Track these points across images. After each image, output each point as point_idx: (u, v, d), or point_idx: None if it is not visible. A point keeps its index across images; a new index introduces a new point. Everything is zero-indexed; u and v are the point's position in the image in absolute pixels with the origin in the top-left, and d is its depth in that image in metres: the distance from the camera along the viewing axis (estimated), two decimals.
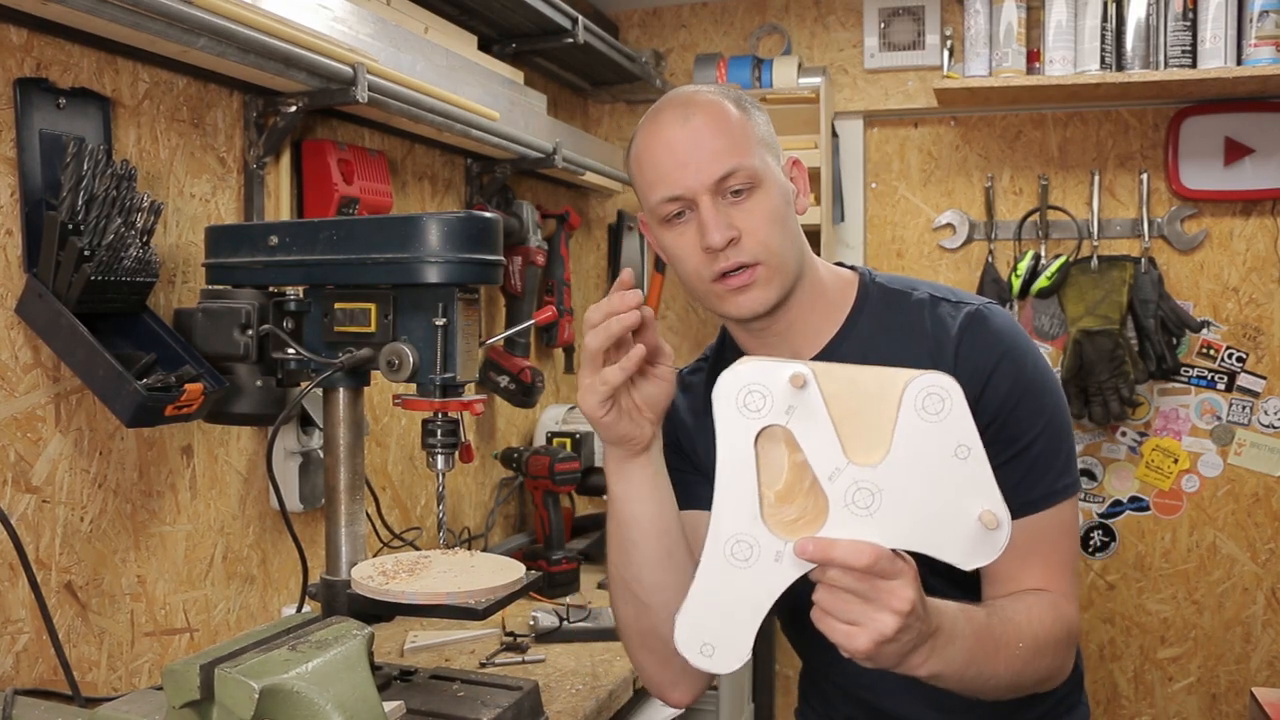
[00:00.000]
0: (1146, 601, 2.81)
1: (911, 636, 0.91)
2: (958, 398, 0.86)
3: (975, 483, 0.86)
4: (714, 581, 0.89)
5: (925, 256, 2.93)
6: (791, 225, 1.19)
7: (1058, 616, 1.12)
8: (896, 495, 0.87)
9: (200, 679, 0.95)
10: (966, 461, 0.86)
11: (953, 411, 0.86)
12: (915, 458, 0.86)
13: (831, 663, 1.31)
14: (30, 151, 1.28)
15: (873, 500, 0.87)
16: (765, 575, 0.88)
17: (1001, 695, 1.10)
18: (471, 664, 1.68)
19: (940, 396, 0.86)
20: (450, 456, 1.33)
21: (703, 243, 1.14)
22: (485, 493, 2.44)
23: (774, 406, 0.87)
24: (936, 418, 0.86)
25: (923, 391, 0.86)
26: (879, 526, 0.87)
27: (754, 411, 0.87)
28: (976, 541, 0.87)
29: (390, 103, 1.76)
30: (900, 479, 0.87)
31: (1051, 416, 1.17)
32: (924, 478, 0.86)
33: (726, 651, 0.89)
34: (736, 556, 0.88)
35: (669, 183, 1.15)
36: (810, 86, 2.78)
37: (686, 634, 0.90)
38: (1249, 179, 2.65)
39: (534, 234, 2.43)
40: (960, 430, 0.86)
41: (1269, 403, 2.71)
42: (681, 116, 1.16)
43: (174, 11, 1.30)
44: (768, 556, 0.88)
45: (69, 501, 1.36)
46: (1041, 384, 1.18)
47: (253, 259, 1.35)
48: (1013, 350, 1.18)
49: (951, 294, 1.24)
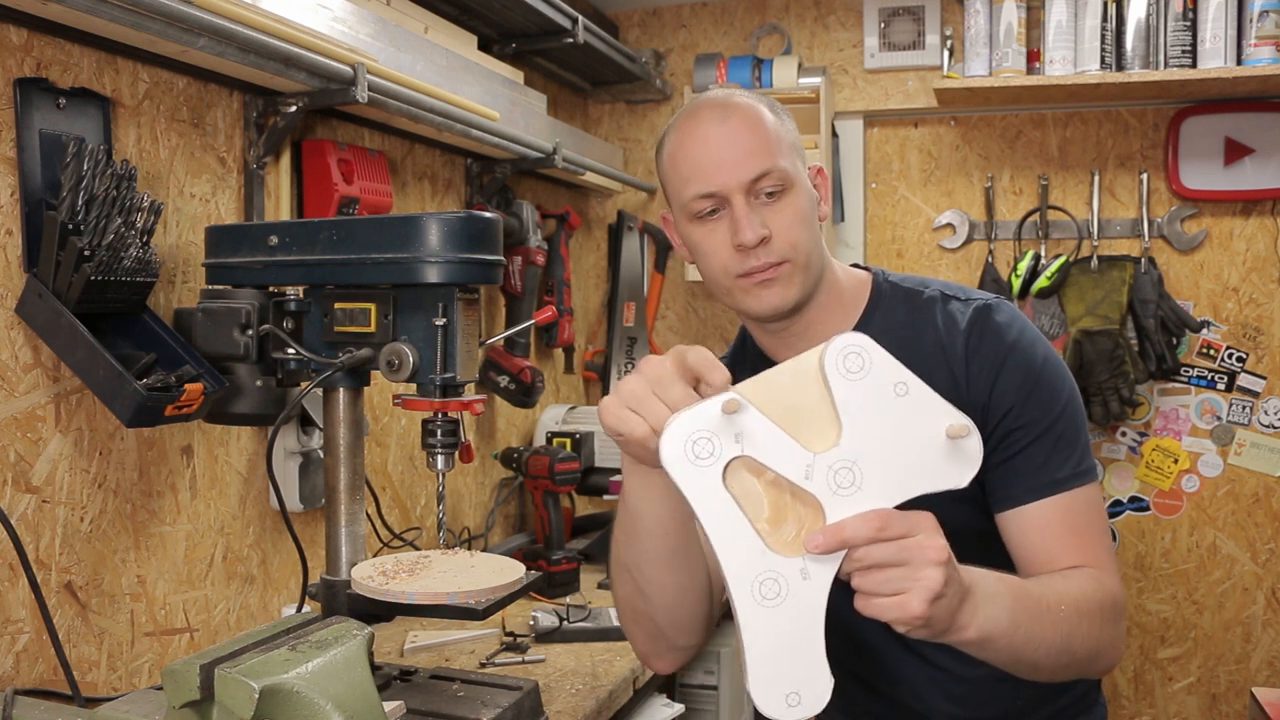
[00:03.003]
0: (1146, 601, 2.81)
1: (955, 589, 0.90)
2: (870, 346, 0.88)
3: (926, 408, 0.88)
4: (761, 632, 0.86)
5: (925, 256, 2.93)
6: (816, 229, 1.23)
7: (1099, 586, 1.11)
8: (870, 459, 0.87)
9: (200, 679, 0.95)
10: (909, 395, 0.87)
11: (873, 359, 0.88)
12: (866, 418, 0.87)
13: (852, 659, 1.32)
14: (30, 151, 1.28)
15: (854, 476, 0.87)
16: (803, 598, 0.87)
17: (1054, 669, 1.08)
18: (471, 664, 1.68)
19: (856, 352, 0.87)
20: (450, 456, 1.34)
21: (735, 240, 1.18)
22: (485, 493, 2.44)
23: (723, 443, 0.87)
24: (862, 373, 0.87)
25: (839, 355, 0.87)
26: (871, 495, 0.88)
27: (707, 458, 0.87)
28: (955, 457, 0.88)
29: (390, 103, 1.76)
30: (865, 444, 0.87)
31: (1068, 400, 1.19)
32: (883, 430, 0.87)
33: (810, 691, 0.87)
34: (768, 598, 0.87)
35: (704, 179, 1.18)
36: (810, 86, 2.78)
37: (766, 695, 0.86)
38: (1249, 179, 2.65)
39: (534, 234, 2.43)
40: (889, 371, 0.88)
41: (1269, 403, 2.71)
42: (720, 116, 1.20)
43: (174, 11, 1.30)
44: (795, 580, 0.87)
45: (69, 501, 1.36)
46: (1053, 371, 1.20)
47: (253, 259, 1.35)
48: (1021, 340, 1.20)
49: (961, 291, 1.27)
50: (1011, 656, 1.02)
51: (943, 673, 1.28)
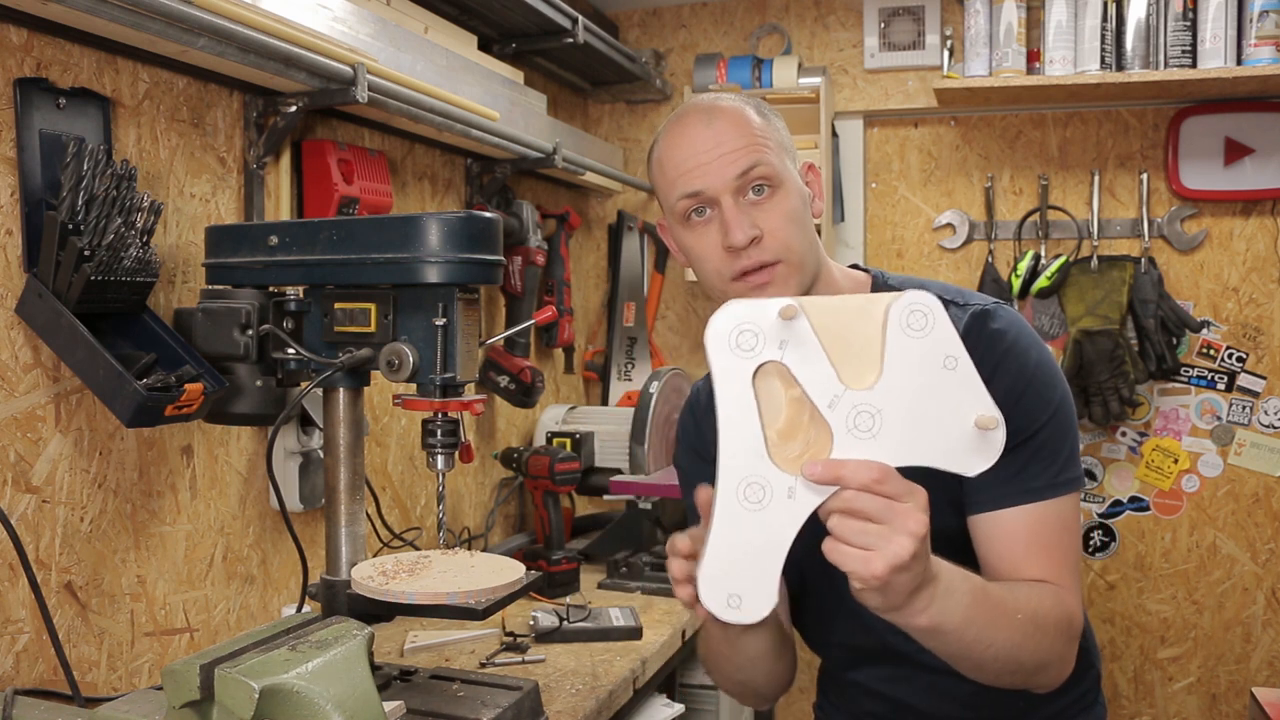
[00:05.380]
0: (1146, 601, 2.81)
1: (921, 569, 0.91)
2: (939, 312, 0.88)
3: (967, 389, 0.88)
4: (730, 529, 0.88)
5: (925, 256, 2.93)
6: (809, 227, 1.22)
7: (1058, 602, 1.12)
8: (896, 414, 0.88)
9: (200, 679, 0.95)
10: (955, 371, 0.88)
11: (937, 325, 0.88)
12: (908, 375, 0.88)
13: (854, 659, 1.32)
14: (30, 151, 1.28)
15: (874, 422, 0.88)
16: (781, 514, 0.88)
17: (999, 674, 1.09)
18: (471, 664, 1.68)
19: (923, 313, 0.88)
20: (450, 456, 1.33)
21: (725, 241, 1.17)
22: (485, 493, 2.44)
23: (767, 343, 0.88)
24: (922, 333, 0.87)
25: (906, 309, 0.88)
26: (883, 447, 0.88)
27: (748, 351, 0.88)
28: (976, 446, 0.88)
29: (390, 103, 1.76)
30: (896, 398, 0.88)
31: (1058, 410, 1.18)
32: (918, 393, 0.88)
33: (754, 599, 0.89)
34: (749, 500, 0.88)
35: (690, 179, 1.18)
36: (810, 86, 2.78)
37: (710, 589, 0.89)
38: (1249, 179, 2.65)
39: (534, 234, 2.43)
40: (946, 342, 0.88)
41: (1269, 403, 2.71)
42: (705, 119, 1.20)
43: (174, 11, 1.30)
44: (780, 495, 0.88)
45: (69, 501, 1.36)
46: (1046, 377, 1.19)
47: (253, 259, 1.35)
48: (1016, 345, 1.19)
49: (960, 295, 1.26)
50: (960, 652, 1.03)
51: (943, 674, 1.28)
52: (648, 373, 2.94)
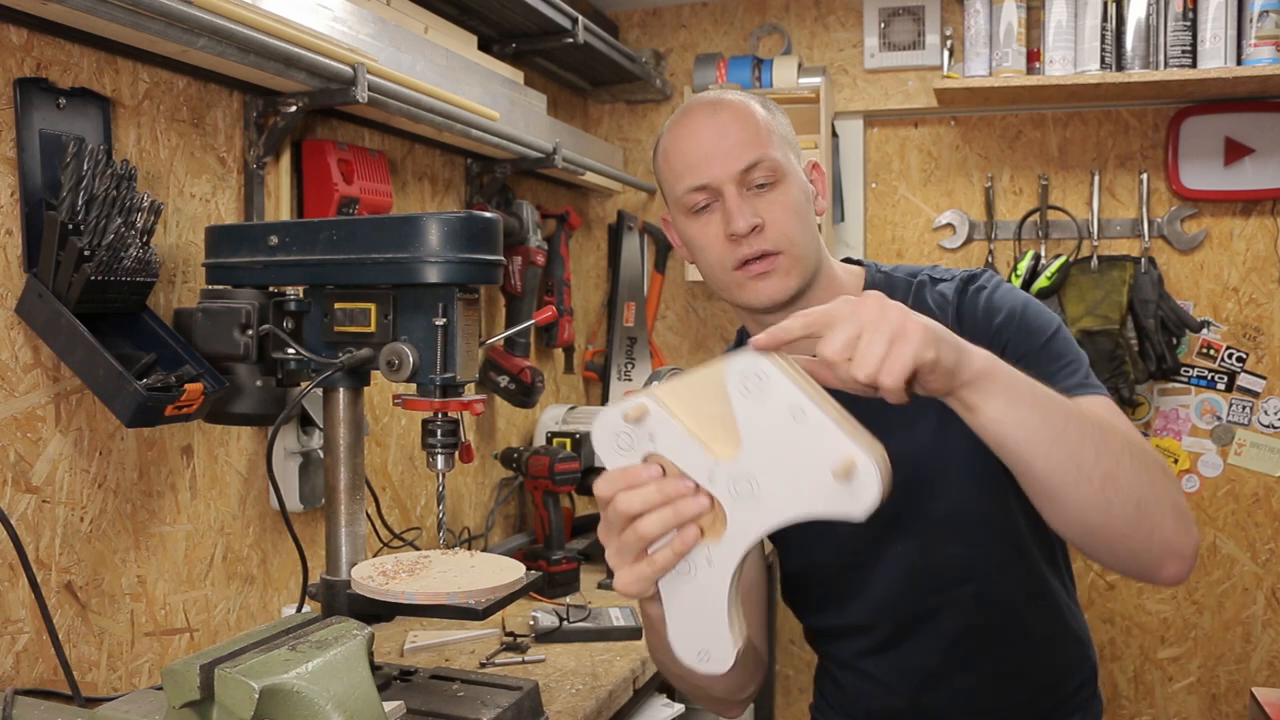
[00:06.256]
0: (1146, 601, 2.81)
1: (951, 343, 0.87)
2: (769, 368, 0.88)
3: (820, 438, 0.88)
4: (675, 600, 0.94)
5: (925, 256, 2.93)
6: (811, 222, 1.24)
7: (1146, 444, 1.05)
8: (766, 475, 0.89)
9: (200, 679, 0.95)
10: (805, 423, 0.88)
11: (771, 382, 0.88)
12: (763, 436, 0.89)
13: (861, 650, 1.32)
14: (30, 151, 1.28)
15: (751, 487, 0.90)
16: (709, 577, 0.93)
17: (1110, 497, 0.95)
18: (471, 664, 1.68)
19: (755, 375, 0.88)
20: (450, 456, 1.33)
21: (727, 230, 1.19)
22: (485, 493, 2.44)
23: (640, 440, 0.92)
24: (760, 394, 0.88)
25: (739, 378, 0.89)
26: (768, 506, 0.90)
27: (627, 450, 0.92)
28: (844, 493, 0.88)
29: (390, 103, 1.76)
30: (762, 460, 0.89)
31: (1059, 328, 1.20)
32: (779, 450, 0.89)
33: (717, 651, 0.94)
34: (680, 573, 0.93)
35: (696, 172, 1.20)
36: (810, 86, 2.78)
37: (682, 648, 0.94)
38: (1249, 179, 2.65)
39: (534, 234, 2.43)
40: (787, 395, 0.88)
41: (1269, 403, 2.71)
42: (710, 112, 1.22)
43: (174, 11, 1.30)
44: (702, 564, 0.92)
45: (69, 501, 1.36)
46: (1037, 307, 1.22)
47: (253, 259, 1.35)
48: (1000, 288, 1.24)
49: (947, 273, 1.30)
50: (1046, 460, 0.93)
51: (942, 672, 1.29)
52: (648, 373, 2.94)
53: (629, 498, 0.91)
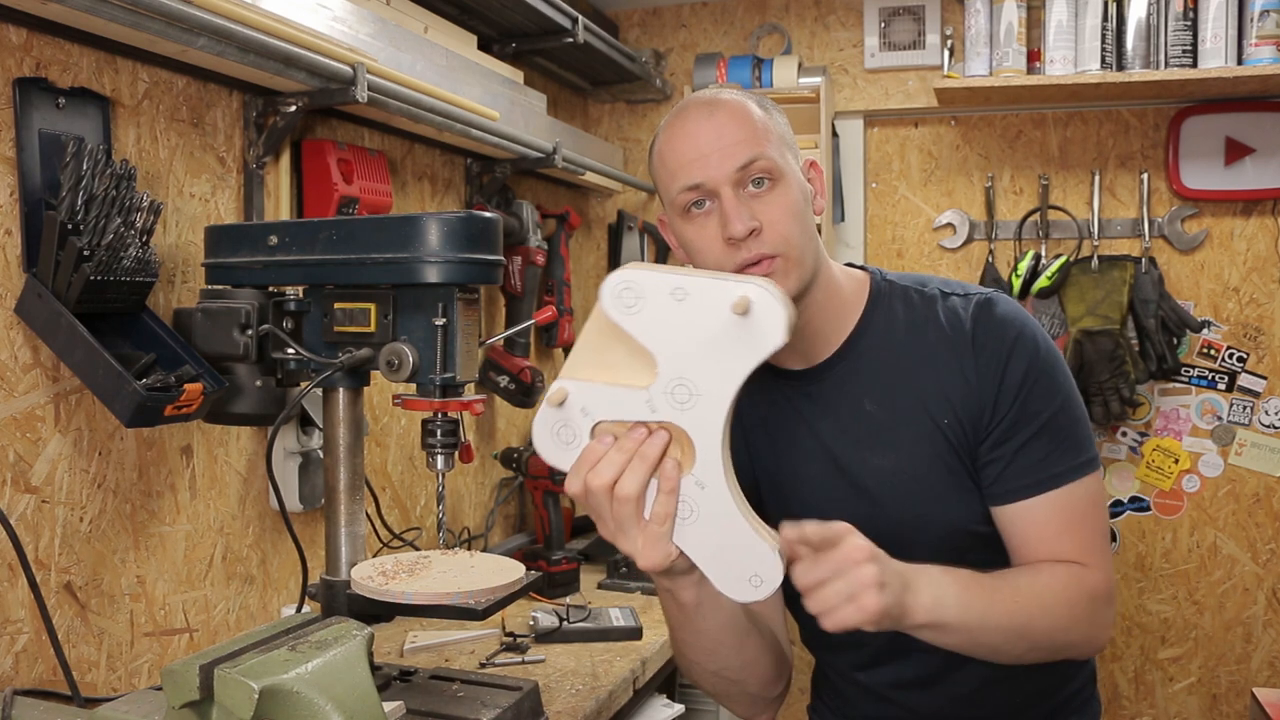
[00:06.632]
0: (1147, 602, 2.81)
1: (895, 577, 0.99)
2: (631, 274, 0.93)
3: (710, 298, 0.92)
4: (696, 545, 0.97)
5: (925, 256, 2.92)
6: (809, 223, 1.22)
7: (1071, 575, 1.15)
8: (690, 366, 0.94)
9: (200, 679, 0.95)
10: (690, 296, 0.93)
11: (641, 282, 0.93)
12: (665, 335, 0.94)
13: (855, 663, 1.32)
14: (30, 151, 1.28)
15: (687, 388, 0.94)
16: (710, 506, 0.95)
17: (1023, 653, 1.13)
18: (471, 664, 1.68)
19: (624, 286, 0.94)
20: (450, 456, 1.33)
21: (725, 233, 1.16)
22: (485, 493, 2.44)
23: (574, 421, 0.97)
24: (639, 299, 0.94)
25: (614, 300, 0.95)
26: (710, 393, 0.94)
27: (570, 441, 0.99)
28: (753, 325, 0.92)
29: (390, 102, 1.75)
30: (678, 358, 0.94)
31: (1067, 394, 1.21)
32: (686, 338, 0.93)
33: (766, 571, 0.96)
34: (685, 519, 0.96)
35: (691, 172, 1.18)
36: (810, 86, 2.78)
37: (732, 587, 0.96)
38: (1249, 179, 2.65)
39: (534, 234, 2.43)
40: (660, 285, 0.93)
41: (1270, 403, 2.71)
42: (706, 112, 1.19)
43: (174, 11, 1.30)
44: (695, 493, 0.95)
45: (68, 501, 1.36)
46: (1053, 363, 1.22)
47: (252, 259, 1.35)
48: (1023, 333, 1.22)
49: (960, 287, 1.28)
50: (970, 640, 1.08)
51: (939, 679, 1.28)
52: None
53: (597, 474, 0.95)
